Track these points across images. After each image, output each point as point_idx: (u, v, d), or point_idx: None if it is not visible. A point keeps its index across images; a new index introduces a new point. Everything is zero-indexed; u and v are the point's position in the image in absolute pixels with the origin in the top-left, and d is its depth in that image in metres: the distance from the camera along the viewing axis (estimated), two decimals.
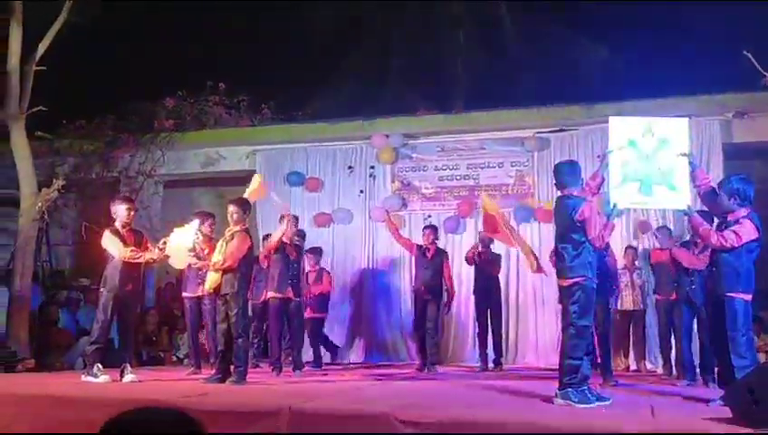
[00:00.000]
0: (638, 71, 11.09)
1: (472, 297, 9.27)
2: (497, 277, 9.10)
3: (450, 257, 9.71)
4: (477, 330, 9.09)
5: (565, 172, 5.61)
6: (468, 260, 9.02)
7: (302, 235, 8.82)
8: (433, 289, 8.67)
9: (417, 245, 8.94)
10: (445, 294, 8.86)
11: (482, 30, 14.54)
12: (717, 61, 9.57)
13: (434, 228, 9.06)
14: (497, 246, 9.06)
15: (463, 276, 9.68)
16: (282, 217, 7.84)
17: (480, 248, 8.92)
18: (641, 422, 4.49)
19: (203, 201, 11.90)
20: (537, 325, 9.64)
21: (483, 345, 8.90)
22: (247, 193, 7.34)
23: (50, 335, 8.62)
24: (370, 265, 10.38)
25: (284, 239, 7.81)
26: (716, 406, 4.98)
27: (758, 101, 8.87)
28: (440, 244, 9.28)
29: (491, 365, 8.78)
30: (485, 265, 8.94)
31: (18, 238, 8.46)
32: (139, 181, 10.79)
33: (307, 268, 8.84)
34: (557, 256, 5.67)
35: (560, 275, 5.53)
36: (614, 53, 12.32)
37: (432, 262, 8.73)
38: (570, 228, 5.37)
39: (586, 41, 13.04)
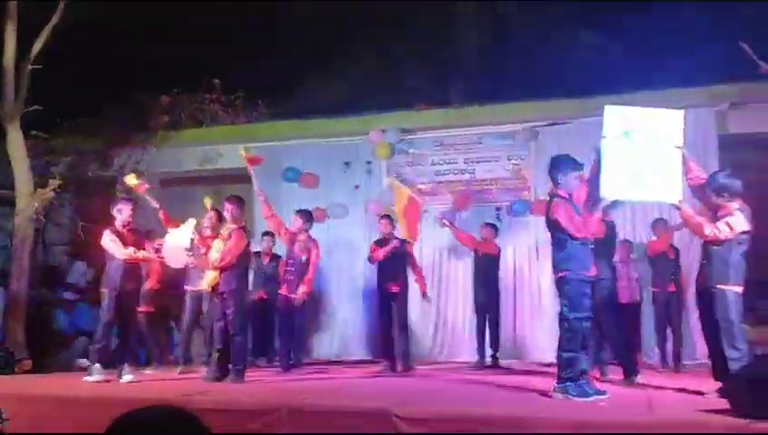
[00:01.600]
0: (634, 62, 11.07)
1: (469, 291, 9.28)
2: (496, 271, 9.04)
3: (447, 251, 9.79)
4: (475, 324, 9.02)
5: (552, 168, 5.69)
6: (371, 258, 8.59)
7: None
8: (397, 281, 8.22)
9: (377, 239, 8.63)
10: (416, 286, 8.58)
11: (477, 19, 14.48)
12: (712, 51, 9.57)
13: (388, 217, 8.58)
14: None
15: (459, 269, 9.70)
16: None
17: (480, 239, 8.93)
18: (639, 415, 4.53)
19: (201, 199, 11.89)
20: (533, 320, 9.62)
21: (480, 340, 8.87)
22: None
23: (47, 336, 8.63)
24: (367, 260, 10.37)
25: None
26: (713, 398, 5.02)
27: (753, 92, 8.86)
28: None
29: (488, 361, 8.77)
30: (485, 256, 8.92)
31: (15, 238, 8.46)
32: None
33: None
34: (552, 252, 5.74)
35: (552, 270, 5.62)
36: (611, 43, 12.28)
37: (393, 254, 8.28)
38: (550, 226, 5.56)
39: (581, 33, 13.03)
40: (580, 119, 9.47)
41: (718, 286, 5.24)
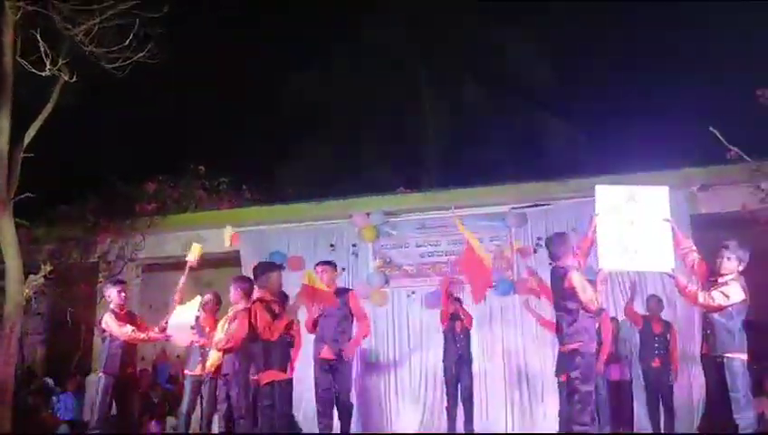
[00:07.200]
0: (609, 147, 11.66)
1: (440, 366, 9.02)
2: (469, 344, 8.89)
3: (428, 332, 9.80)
4: (446, 403, 8.77)
5: (555, 244, 5.97)
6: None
7: None
8: (339, 347, 7.18)
9: None
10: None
11: (453, 106, 15.01)
12: (679, 137, 10.18)
13: (331, 264, 7.52)
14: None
15: (432, 342, 9.64)
16: None
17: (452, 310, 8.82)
18: None
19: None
20: (508, 396, 9.63)
21: (451, 418, 8.65)
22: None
23: (32, 424, 8.40)
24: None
25: None
26: None
27: (719, 174, 9.41)
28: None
29: None
30: (458, 327, 8.84)
31: (4, 325, 8.28)
32: (119, 266, 10.72)
33: None
34: (557, 325, 5.93)
35: (560, 342, 5.80)
36: (585, 129, 12.92)
37: (339, 309, 7.16)
38: (562, 297, 5.70)
39: (553, 118, 13.66)
40: (560, 201, 9.93)
41: (726, 355, 5.40)
